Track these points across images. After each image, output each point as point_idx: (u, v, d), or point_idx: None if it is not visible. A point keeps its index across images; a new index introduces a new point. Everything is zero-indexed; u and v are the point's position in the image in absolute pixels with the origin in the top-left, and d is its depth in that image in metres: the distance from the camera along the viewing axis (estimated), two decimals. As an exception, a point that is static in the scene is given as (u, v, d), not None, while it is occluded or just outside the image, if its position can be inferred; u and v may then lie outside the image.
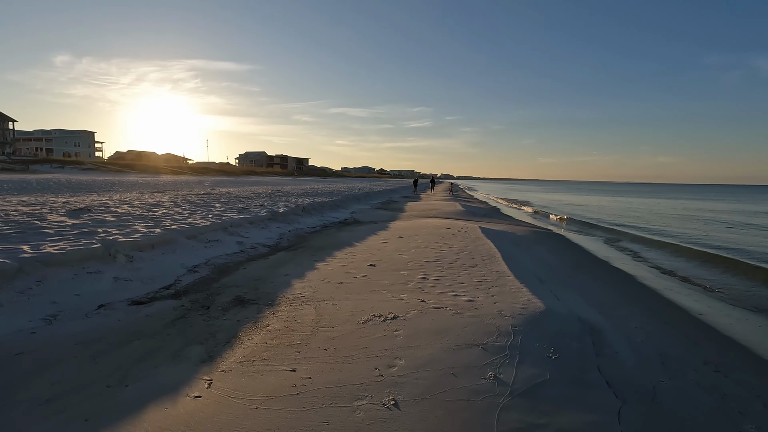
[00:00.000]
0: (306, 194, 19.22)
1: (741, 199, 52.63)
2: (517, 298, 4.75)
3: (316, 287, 5.19)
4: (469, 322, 3.90)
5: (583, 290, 5.89)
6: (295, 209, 12.45)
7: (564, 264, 8.11)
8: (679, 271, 8.83)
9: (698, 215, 25.08)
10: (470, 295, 4.85)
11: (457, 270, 6.18)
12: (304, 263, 6.61)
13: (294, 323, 3.93)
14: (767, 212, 29.24)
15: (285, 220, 10.92)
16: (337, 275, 5.83)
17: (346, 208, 16.57)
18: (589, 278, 6.96)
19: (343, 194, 20.68)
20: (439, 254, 7.39)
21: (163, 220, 8.07)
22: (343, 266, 6.45)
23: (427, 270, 6.16)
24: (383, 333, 3.68)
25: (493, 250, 7.87)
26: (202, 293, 4.87)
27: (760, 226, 19.31)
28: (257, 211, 10.90)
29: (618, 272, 8.43)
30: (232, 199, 13.89)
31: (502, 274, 5.97)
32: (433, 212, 16.93)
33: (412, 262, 6.75)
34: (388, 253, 7.49)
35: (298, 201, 15.01)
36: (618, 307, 5.19)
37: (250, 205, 12.35)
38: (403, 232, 10.51)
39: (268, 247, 7.98)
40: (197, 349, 3.37)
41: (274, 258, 7.02)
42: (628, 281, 7.60)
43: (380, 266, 6.43)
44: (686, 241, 13.84)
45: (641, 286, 7.33)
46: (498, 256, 7.25)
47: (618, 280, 7.62)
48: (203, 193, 16.27)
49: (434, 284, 5.33)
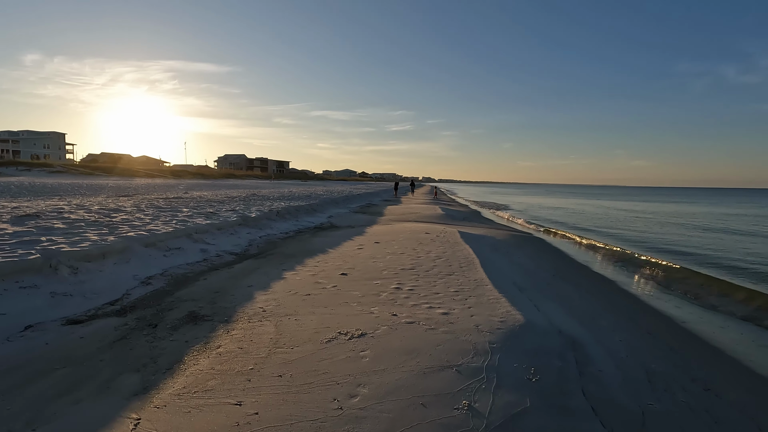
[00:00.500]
0: (283, 198, 18.68)
1: (712, 202, 54.26)
2: (495, 309, 4.45)
3: (280, 300, 4.78)
4: (444, 339, 3.57)
5: (564, 299, 5.65)
6: (268, 214, 11.96)
7: (544, 270, 7.90)
8: (660, 276, 8.75)
9: (674, 220, 25.57)
10: (446, 307, 4.53)
11: (434, 278, 5.86)
12: (271, 273, 6.18)
13: (249, 343, 3.52)
14: (737, 214, 30.09)
15: (256, 226, 10.43)
16: (305, 286, 5.43)
17: (324, 212, 16.13)
18: (569, 285, 6.74)
19: (322, 198, 20.21)
20: (415, 261, 7.06)
21: (121, 226, 7.50)
22: (313, 275, 6.05)
23: (402, 279, 5.82)
24: (348, 354, 3.31)
25: (472, 256, 7.60)
26: (152, 309, 4.40)
27: (731, 231, 19.72)
28: (227, 216, 10.38)
29: (599, 278, 8.27)
30: (202, 204, 13.28)
31: (480, 282, 5.68)
32: (412, 216, 16.65)
33: (387, 270, 6.40)
34: (362, 261, 7.12)
35: (272, 205, 14.50)
36: (600, 317, 4.95)
37: (221, 210, 11.80)
38: (380, 237, 10.17)
39: (235, 254, 7.51)
40: (131, 378, 2.93)
41: (240, 267, 6.56)
42: (609, 287, 7.43)
43: (353, 275, 6.06)
44: (665, 244, 13.93)
45: (622, 292, 7.16)
46: (476, 263, 6.97)
47: (599, 286, 7.44)
48: (173, 197, 15.57)
49: (408, 295, 4.99)
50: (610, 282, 7.93)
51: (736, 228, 20.04)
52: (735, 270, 9.69)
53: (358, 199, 26.59)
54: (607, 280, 8.06)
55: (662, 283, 8.08)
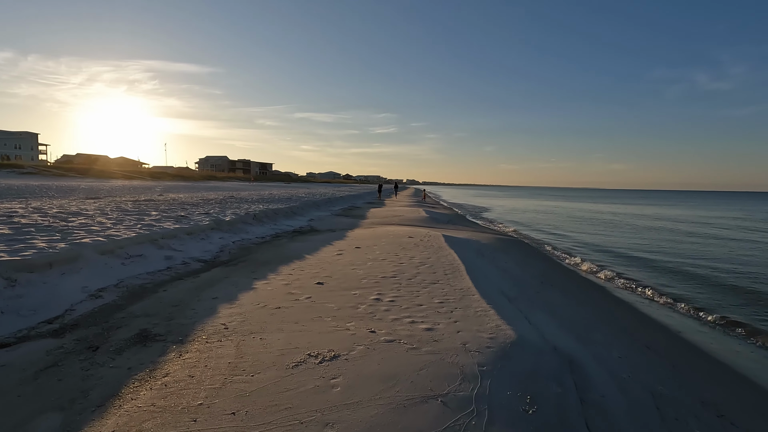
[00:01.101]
0: (262, 200, 18.05)
1: (694, 205, 55.38)
2: (483, 323, 4.06)
3: (246, 315, 4.29)
4: (427, 362, 3.15)
5: (555, 308, 5.30)
6: (244, 217, 11.38)
7: (531, 276, 7.58)
8: (647, 281, 8.53)
9: (655, 224, 25.82)
10: (430, 321, 4.11)
11: (417, 288, 5.45)
12: (240, 282, 5.67)
13: (203, 370, 3.03)
14: (718, 217, 30.67)
15: (231, 230, 9.86)
16: (276, 297, 4.94)
17: (304, 215, 15.59)
18: (558, 292, 6.42)
19: (303, 200, 19.64)
20: (397, 268, 6.64)
21: (77, 231, 6.87)
22: (286, 285, 5.56)
23: (383, 288, 5.39)
24: (317, 382, 2.85)
25: (457, 261, 7.22)
26: (97, 327, 3.86)
27: (709, 236, 19.94)
28: (199, 220, 9.78)
29: (587, 283, 8.00)
30: (174, 207, 12.60)
31: (467, 291, 5.29)
32: (395, 219, 16.25)
33: (367, 278, 5.96)
34: (341, 268, 6.66)
35: (250, 208, 13.90)
36: (594, 329, 4.62)
37: (194, 213, 11.17)
38: (362, 241, 9.72)
39: (203, 262, 6.96)
40: (51, 420, 2.42)
41: (207, 276, 6.03)
42: (598, 294, 7.15)
43: (329, 284, 5.60)
44: (651, 249, 13.87)
45: (612, 299, 6.89)
46: (462, 269, 6.59)
47: (587, 292, 7.15)
48: (144, 200, 14.80)
49: (389, 307, 4.56)
50: (599, 288, 7.67)
51: (713, 233, 20.30)
52: (715, 274, 9.58)
53: (340, 201, 26.07)
54: (597, 286, 7.79)
55: (650, 288, 7.86)
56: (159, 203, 13.37)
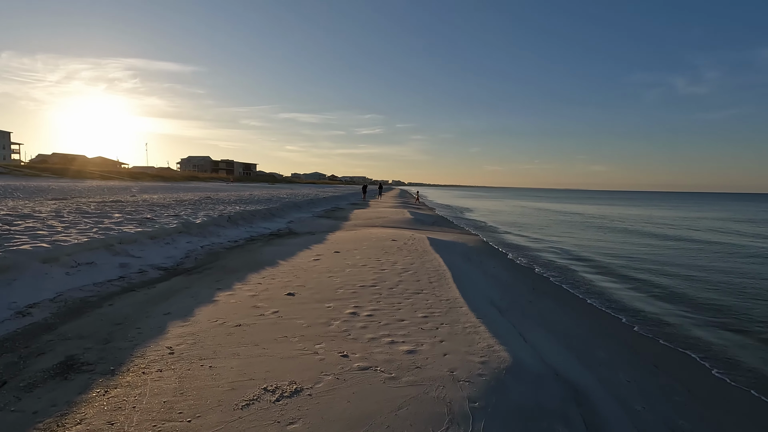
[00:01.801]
0: (240, 201, 17.29)
1: (678, 206, 56.10)
2: (473, 342, 3.55)
3: (199, 335, 3.69)
4: (408, 397, 2.61)
5: (550, 322, 4.84)
6: (217, 219, 10.68)
7: (521, 282, 7.13)
8: (639, 287, 8.17)
9: (643, 227, 25.87)
10: (412, 340, 3.58)
11: (399, 298, 4.91)
12: (201, 294, 5.04)
13: (128, 413, 2.43)
14: (707, 218, 31.02)
15: (201, 233, 9.18)
16: (238, 312, 4.34)
17: (284, 216, 14.91)
18: (551, 302, 5.97)
19: (283, 201, 18.92)
20: (378, 275, 6.10)
21: (19, 236, 6.13)
22: (253, 296, 4.96)
23: (361, 299, 4.83)
24: (270, 429, 2.28)
25: (443, 267, 6.72)
26: (13, 355, 3.21)
27: (691, 240, 19.95)
28: (166, 222, 9.07)
29: (580, 291, 7.58)
30: (142, 208, 11.80)
31: (454, 302, 4.77)
32: (379, 221, 15.71)
33: (344, 287, 5.40)
34: (317, 276, 6.09)
35: (226, 209, 13.18)
36: (595, 346, 4.15)
37: (162, 215, 10.43)
38: (342, 245, 9.15)
39: (164, 269, 6.29)
40: None
41: (164, 286, 5.38)
42: (594, 302, 6.72)
43: (301, 295, 5.02)
44: (637, 255, 13.64)
45: (608, 307, 6.47)
46: (448, 276, 6.09)
47: (582, 300, 6.72)
48: (112, 201, 13.92)
49: (366, 323, 4.01)
50: (594, 295, 7.25)
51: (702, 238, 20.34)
52: (702, 279, 9.31)
53: (323, 202, 25.40)
54: (589, 293, 7.38)
55: (644, 297, 7.48)
56: (126, 204, 12.54)
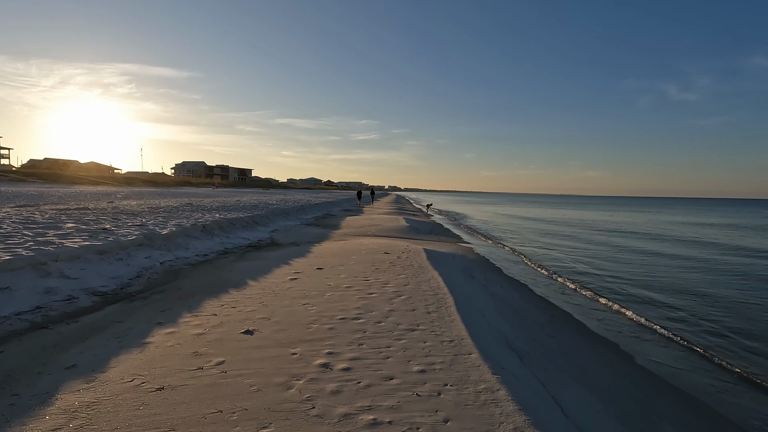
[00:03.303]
0: (223, 208, 16.10)
1: (684, 211, 55.50)
2: (494, 423, 2.42)
3: (99, 407, 2.54)
4: None
5: (585, 370, 3.73)
6: (189, 229, 9.52)
7: (535, 306, 6.02)
8: (683, 317, 7.09)
9: (658, 231, 24.95)
10: (404, 420, 2.45)
11: (387, 339, 3.78)
12: (132, 332, 3.89)
13: None
14: (718, 224, 30.14)
15: (166, 246, 8.01)
16: (168, 364, 3.20)
17: (268, 225, 13.74)
18: (577, 336, 4.87)
19: (270, 208, 17.74)
20: (364, 302, 4.96)
21: None
22: (198, 336, 3.82)
23: (339, 341, 3.70)
24: None
25: (442, 290, 5.60)
26: None
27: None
28: (125, 234, 7.89)
29: (599, 314, 6.48)
30: (105, 216, 10.59)
31: (459, 345, 3.65)
32: (372, 229, 14.59)
33: (320, 320, 4.27)
34: (289, 302, 4.94)
35: (203, 217, 12.00)
36: (659, 415, 3.03)
37: (126, 224, 9.25)
38: (327, 259, 8.02)
39: (101, 295, 5.12)
40: None
41: (90, 320, 4.22)
42: (622, 330, 5.62)
43: (262, 334, 3.88)
44: (659, 274, 12.60)
45: (646, 343, 5.37)
46: (449, 302, 4.97)
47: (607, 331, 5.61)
48: (75, 208, 12.68)
49: (340, 385, 2.87)
50: (622, 323, 6.16)
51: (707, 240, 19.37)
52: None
53: (315, 208, 24.23)
54: (614, 320, 6.28)
55: (679, 329, 6.40)
56: (89, 212, 11.33)
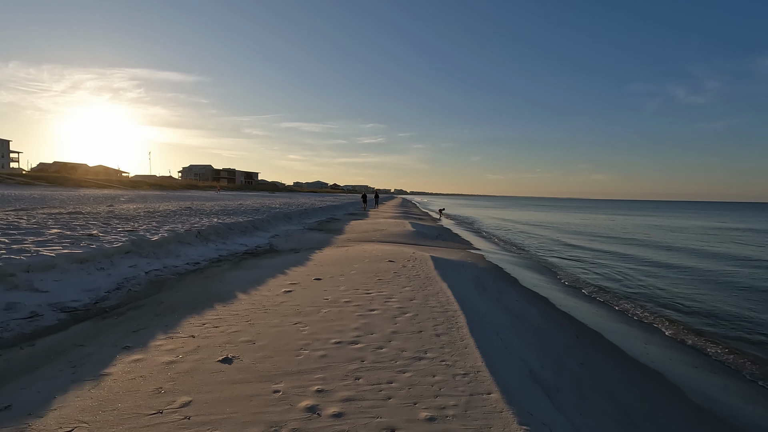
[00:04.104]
0: (224, 212, 15.62)
1: (697, 214, 54.26)
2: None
3: (11, 475, 1.99)
4: None
5: (627, 410, 3.10)
6: (182, 235, 9.01)
7: (556, 325, 5.40)
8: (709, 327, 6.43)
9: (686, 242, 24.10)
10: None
11: (389, 371, 3.19)
12: (92, 358, 3.34)
13: None
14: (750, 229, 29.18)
15: (155, 253, 7.49)
16: (123, 403, 2.64)
17: (268, 230, 13.21)
18: (609, 362, 4.24)
19: (272, 212, 17.23)
20: (364, 322, 4.38)
21: None
22: (168, 364, 3.26)
23: (332, 373, 3.12)
24: None
25: (452, 305, 5.00)
26: None
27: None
28: (112, 240, 7.39)
29: (628, 333, 5.84)
30: (95, 221, 10.12)
31: (476, 380, 3.05)
32: (376, 234, 14.01)
33: (312, 344, 3.69)
34: (279, 321, 4.37)
35: (200, 221, 11.51)
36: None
37: (115, 230, 8.76)
38: (326, 268, 7.45)
39: (70, 311, 4.59)
40: None
41: (48, 343, 3.68)
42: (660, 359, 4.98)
43: (243, 362, 3.31)
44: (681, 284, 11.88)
45: (693, 371, 4.73)
46: (461, 322, 4.36)
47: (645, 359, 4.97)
48: (67, 212, 12.25)
49: (327, 439, 2.29)
50: (662, 345, 5.51)
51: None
52: None
53: (319, 212, 23.71)
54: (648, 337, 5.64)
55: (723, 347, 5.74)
56: (79, 217, 10.88)
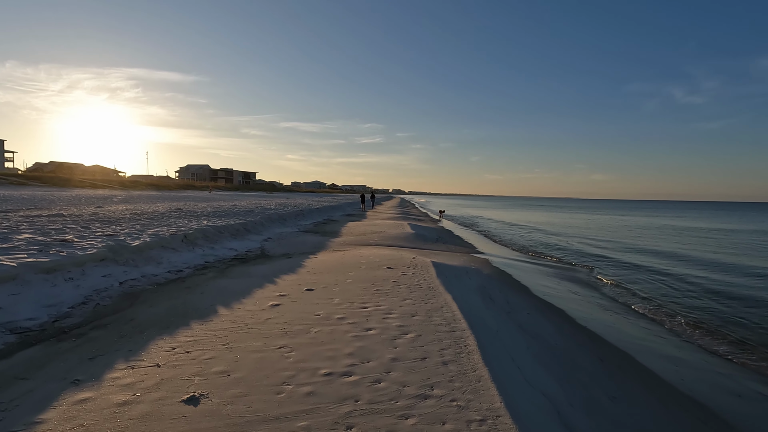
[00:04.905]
0: (215, 214, 15.02)
1: (699, 215, 53.82)
2: None
3: None
4: None
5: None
6: (167, 239, 8.42)
7: (575, 344, 4.83)
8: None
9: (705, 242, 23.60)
10: None
11: (389, 418, 2.61)
12: (31, 398, 2.76)
13: None
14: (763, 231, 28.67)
15: (134, 260, 6.90)
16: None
17: (261, 232, 12.62)
18: (647, 392, 3.66)
19: (267, 213, 16.63)
20: (360, 345, 3.80)
21: None
22: (120, 406, 2.68)
23: (318, 419, 2.54)
24: None
25: (459, 323, 4.43)
26: None
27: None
28: (87, 246, 6.80)
29: (653, 350, 5.28)
30: (74, 225, 9.52)
31: (496, 430, 2.48)
32: (374, 237, 13.43)
33: (297, 377, 3.12)
34: (262, 344, 3.79)
35: (190, 224, 10.92)
36: None
37: (94, 234, 8.16)
38: (320, 276, 6.87)
39: (22, 332, 3.99)
40: None
41: (-18, 376, 3.10)
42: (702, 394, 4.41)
43: (211, 403, 2.73)
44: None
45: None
46: (471, 347, 3.79)
47: (685, 397, 4.41)
48: (48, 215, 11.61)
49: None
50: (700, 368, 4.95)
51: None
52: None
53: (315, 213, 23.10)
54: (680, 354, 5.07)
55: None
56: (58, 220, 10.26)
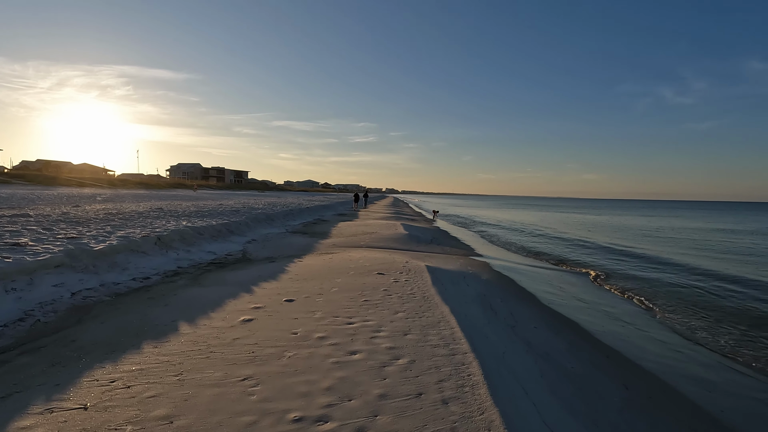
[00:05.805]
0: (198, 214, 14.26)
1: (706, 216, 53.79)
2: None
3: None
4: None
5: None
6: (137, 242, 7.69)
7: (595, 367, 4.21)
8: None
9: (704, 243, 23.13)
10: None
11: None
12: None
13: None
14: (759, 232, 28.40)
15: (94, 267, 6.18)
16: None
17: (245, 233, 11.90)
18: (676, 425, 3.05)
19: (253, 213, 15.89)
20: (341, 375, 3.14)
21: None
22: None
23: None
24: None
25: (460, 343, 3.80)
26: None
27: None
28: (44, 250, 6.07)
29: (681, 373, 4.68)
30: (33, 226, 8.74)
31: None
32: (366, 238, 12.77)
33: (257, 425, 2.46)
34: (222, 374, 3.12)
35: (167, 225, 10.18)
36: None
37: (55, 236, 7.42)
38: (304, 284, 6.21)
39: (-72, 360, 3.30)
40: None
41: None
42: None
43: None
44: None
45: None
46: (476, 377, 3.16)
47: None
48: (12, 215, 10.83)
49: None
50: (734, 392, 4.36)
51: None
52: None
53: (306, 213, 22.38)
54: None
55: None
56: (19, 221, 9.48)
